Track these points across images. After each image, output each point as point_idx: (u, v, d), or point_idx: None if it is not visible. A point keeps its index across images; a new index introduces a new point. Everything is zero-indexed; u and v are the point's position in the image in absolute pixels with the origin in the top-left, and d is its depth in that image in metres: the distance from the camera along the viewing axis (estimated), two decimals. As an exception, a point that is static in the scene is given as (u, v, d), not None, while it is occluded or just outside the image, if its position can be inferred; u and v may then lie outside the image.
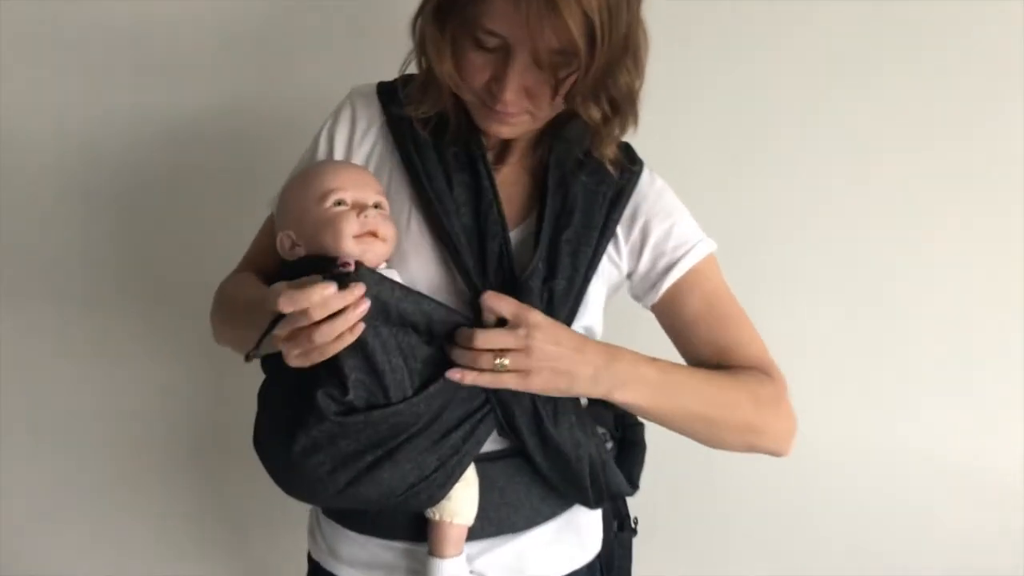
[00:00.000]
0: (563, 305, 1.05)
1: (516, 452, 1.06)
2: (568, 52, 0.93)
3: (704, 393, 1.05)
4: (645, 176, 1.14)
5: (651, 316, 1.16)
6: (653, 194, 1.13)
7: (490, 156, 1.11)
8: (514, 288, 1.02)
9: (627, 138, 1.10)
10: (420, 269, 1.06)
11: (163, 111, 1.57)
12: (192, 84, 1.56)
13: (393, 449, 0.99)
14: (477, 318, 1.01)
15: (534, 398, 1.02)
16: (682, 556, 1.61)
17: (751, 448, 1.08)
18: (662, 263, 1.11)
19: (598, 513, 1.17)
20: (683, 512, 1.62)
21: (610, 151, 1.09)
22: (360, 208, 1.03)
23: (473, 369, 0.97)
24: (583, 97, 0.99)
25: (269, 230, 1.17)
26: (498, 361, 0.96)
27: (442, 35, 0.99)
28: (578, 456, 1.04)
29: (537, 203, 1.10)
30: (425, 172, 1.08)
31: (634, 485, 1.11)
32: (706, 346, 1.11)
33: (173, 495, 1.74)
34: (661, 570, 1.55)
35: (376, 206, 1.05)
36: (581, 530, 1.14)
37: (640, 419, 1.14)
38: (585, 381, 0.99)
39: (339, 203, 1.03)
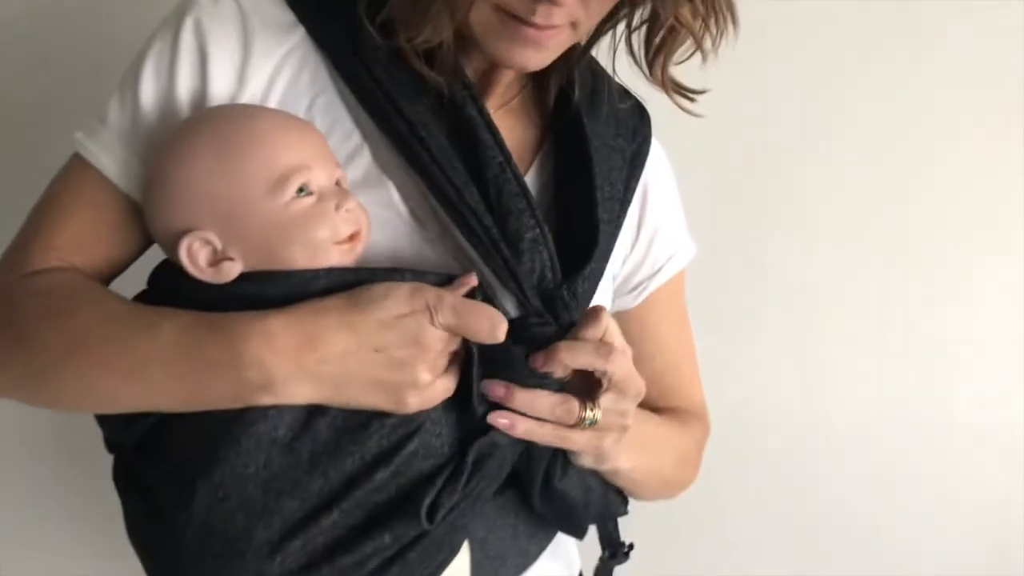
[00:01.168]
0: (580, 312, 0.75)
1: (498, 490, 0.78)
2: None
3: (674, 454, 0.86)
4: (653, 138, 0.86)
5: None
6: (661, 166, 0.87)
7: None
8: (552, 295, 0.71)
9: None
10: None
11: None
12: None
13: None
14: None
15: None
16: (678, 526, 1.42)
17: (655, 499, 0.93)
18: (652, 260, 0.86)
19: None
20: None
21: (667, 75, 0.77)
22: (333, 195, 0.66)
23: (535, 419, 0.68)
24: None
25: (98, 195, 0.72)
26: (589, 414, 0.68)
27: None
28: (586, 502, 0.80)
29: (536, 153, 0.79)
30: (408, 124, 0.70)
31: (625, 499, 0.88)
32: (656, 378, 0.86)
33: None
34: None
35: (338, 184, 0.68)
36: (568, 551, 0.92)
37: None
38: (622, 445, 0.75)
39: (301, 190, 0.65)
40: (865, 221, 1.30)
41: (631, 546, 0.91)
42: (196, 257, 0.64)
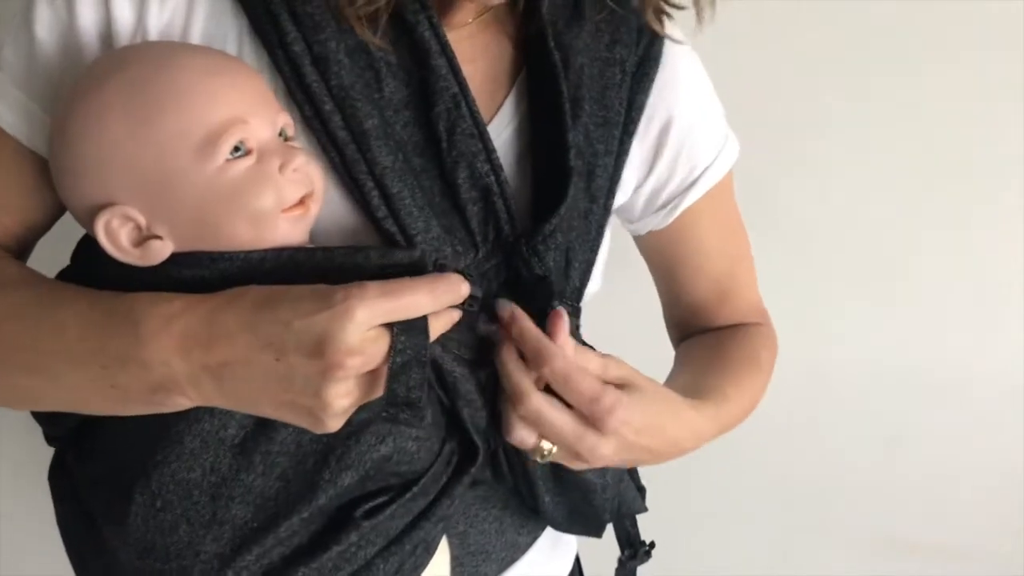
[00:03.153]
0: (578, 265, 0.65)
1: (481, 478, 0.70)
2: None
3: (742, 413, 0.76)
4: (675, 34, 0.71)
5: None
6: (683, 67, 0.72)
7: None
8: (511, 251, 0.61)
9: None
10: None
11: None
12: None
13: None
14: None
15: None
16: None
17: None
18: (679, 177, 0.73)
19: None
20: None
21: None
22: (276, 152, 0.54)
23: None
24: None
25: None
26: (545, 451, 0.59)
27: None
28: (604, 484, 0.69)
29: (511, 82, 0.66)
30: (315, 54, 0.58)
31: (642, 491, 0.79)
32: (711, 286, 0.80)
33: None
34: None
35: (282, 134, 0.57)
36: (562, 538, 0.82)
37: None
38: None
39: (237, 150, 0.53)
40: (883, 153, 1.20)
41: (652, 544, 0.83)
42: (116, 237, 0.53)
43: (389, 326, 0.51)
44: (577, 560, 0.87)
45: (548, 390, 0.58)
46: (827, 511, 1.39)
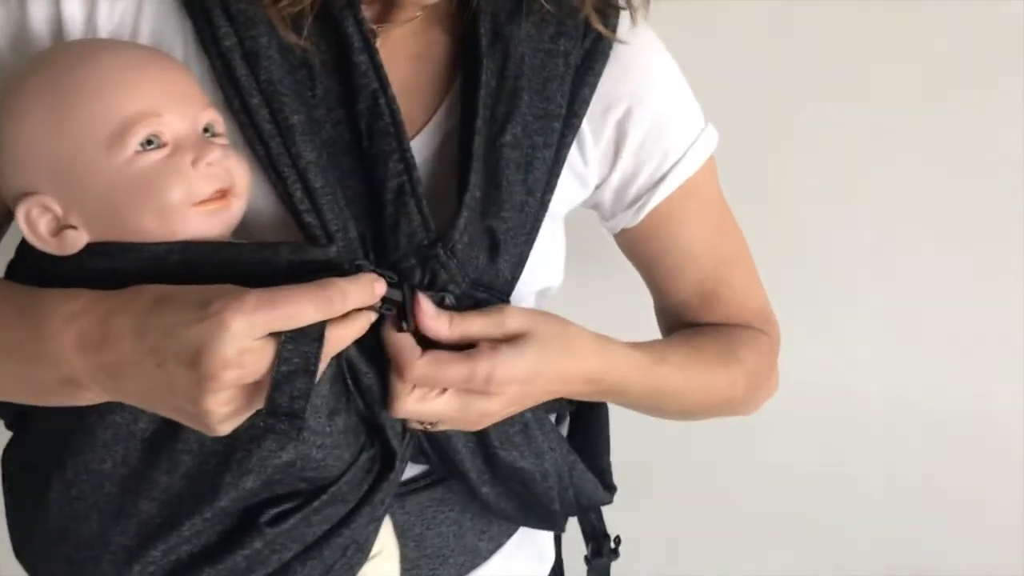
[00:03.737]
0: (509, 258, 0.64)
1: (438, 478, 0.69)
2: None
3: (698, 391, 0.73)
4: (628, 27, 0.69)
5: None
6: (641, 59, 0.70)
7: (366, 12, 0.62)
8: (426, 252, 0.59)
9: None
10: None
11: None
12: None
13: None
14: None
15: None
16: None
17: (714, 417, 0.81)
18: (647, 172, 0.71)
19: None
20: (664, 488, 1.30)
21: None
22: (192, 146, 0.55)
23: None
24: None
25: None
26: (424, 426, 0.60)
27: None
28: (543, 472, 0.67)
29: (455, 79, 0.66)
30: (246, 49, 0.58)
31: (608, 486, 0.77)
32: (692, 288, 0.77)
33: None
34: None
35: (207, 130, 0.57)
36: (538, 540, 0.81)
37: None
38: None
39: (149, 143, 0.54)
40: (911, 195, 1.15)
41: (618, 540, 0.81)
42: (36, 225, 0.55)
43: (278, 334, 0.49)
44: (557, 570, 0.85)
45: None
46: (845, 545, 1.33)
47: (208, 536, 0.57)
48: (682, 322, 0.79)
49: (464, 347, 0.58)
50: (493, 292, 0.62)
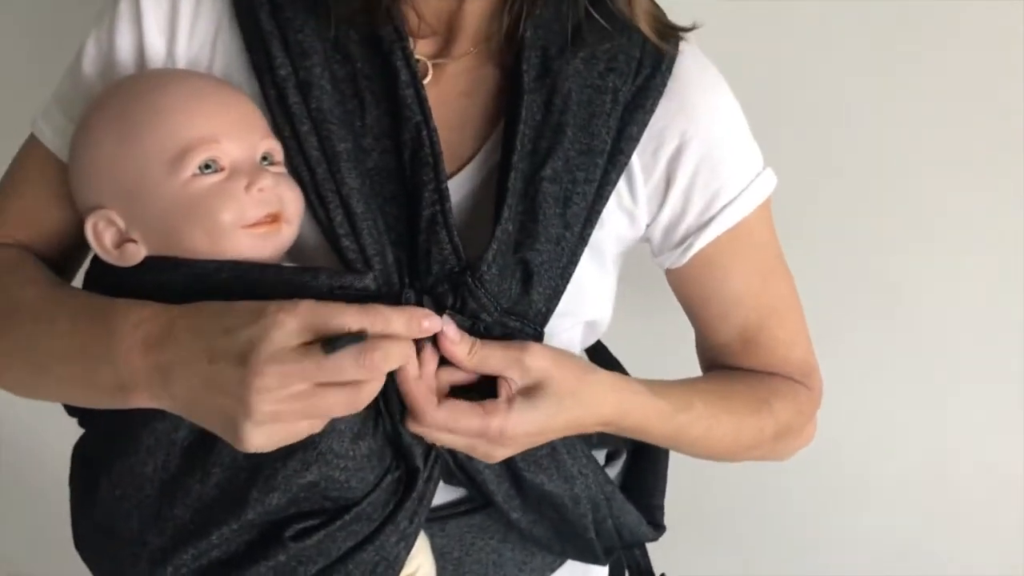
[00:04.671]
0: (543, 289, 0.64)
1: (478, 505, 0.70)
2: None
3: (721, 440, 0.72)
4: (686, 61, 0.70)
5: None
6: (697, 97, 0.70)
7: (414, 45, 0.65)
8: (456, 279, 0.61)
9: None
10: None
11: None
12: None
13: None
14: None
15: None
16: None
17: (741, 461, 0.80)
18: (695, 212, 0.70)
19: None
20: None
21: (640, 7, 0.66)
22: (247, 172, 0.58)
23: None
24: None
25: (41, 168, 0.68)
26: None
27: None
28: (574, 497, 0.68)
29: (503, 114, 0.67)
30: (300, 79, 0.62)
31: (657, 524, 0.77)
32: (735, 333, 0.76)
33: None
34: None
35: (266, 158, 0.61)
36: (589, 573, 0.80)
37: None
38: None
39: (207, 167, 0.58)
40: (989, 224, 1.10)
41: None
42: (101, 237, 0.59)
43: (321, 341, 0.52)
44: None
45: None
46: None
47: (236, 545, 0.59)
48: (721, 364, 0.78)
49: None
50: (526, 322, 0.63)
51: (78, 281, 0.68)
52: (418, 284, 0.61)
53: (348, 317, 0.53)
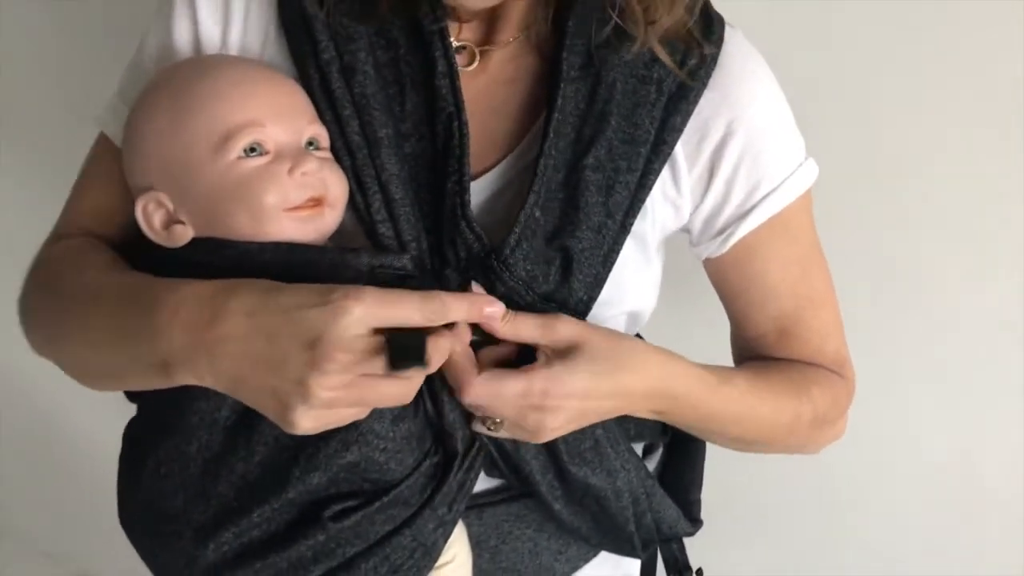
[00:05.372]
0: (583, 277, 0.64)
1: (516, 493, 0.70)
2: None
3: (761, 420, 0.72)
4: (731, 51, 0.69)
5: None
6: (742, 87, 0.69)
7: (455, 31, 0.66)
8: (483, 263, 0.61)
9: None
10: None
11: None
12: None
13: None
14: None
15: None
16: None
17: (774, 452, 0.79)
18: (736, 202, 0.70)
19: None
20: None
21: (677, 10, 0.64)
22: (291, 156, 0.59)
23: None
24: None
25: (110, 162, 0.69)
26: (487, 426, 0.62)
27: None
28: (616, 491, 0.68)
29: (547, 103, 0.67)
30: (344, 63, 0.63)
31: (694, 518, 0.77)
32: (770, 324, 0.75)
33: None
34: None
35: (311, 143, 0.61)
36: (619, 569, 0.81)
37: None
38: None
39: (252, 150, 0.58)
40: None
41: (700, 572, 0.80)
42: (151, 219, 0.61)
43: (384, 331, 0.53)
44: None
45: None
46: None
47: (276, 524, 0.60)
48: (755, 355, 0.78)
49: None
50: (567, 309, 0.64)
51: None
52: (448, 266, 0.61)
53: (411, 306, 0.54)
